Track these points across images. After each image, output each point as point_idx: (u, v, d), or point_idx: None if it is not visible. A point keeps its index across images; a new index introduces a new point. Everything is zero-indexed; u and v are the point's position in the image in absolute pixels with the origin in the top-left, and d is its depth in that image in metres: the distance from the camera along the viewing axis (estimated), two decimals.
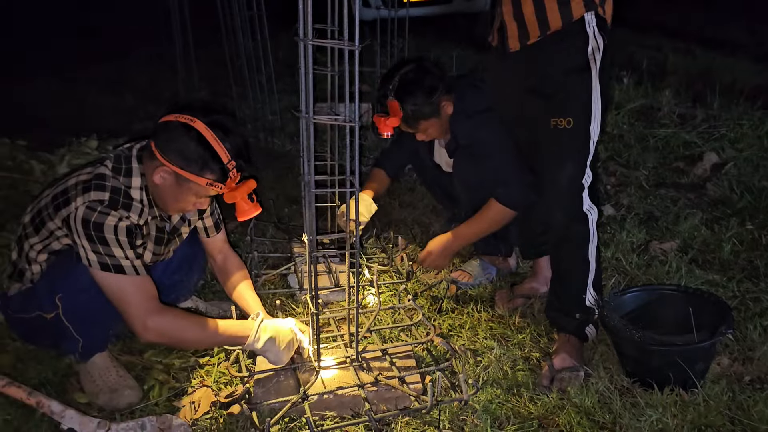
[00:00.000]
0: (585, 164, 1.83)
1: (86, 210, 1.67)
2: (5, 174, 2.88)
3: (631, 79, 4.52)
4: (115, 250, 1.68)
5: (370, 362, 1.93)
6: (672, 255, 2.56)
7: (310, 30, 1.48)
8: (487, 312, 2.29)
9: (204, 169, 1.71)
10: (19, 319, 1.87)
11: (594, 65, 1.77)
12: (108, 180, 1.73)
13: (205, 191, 1.76)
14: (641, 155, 3.62)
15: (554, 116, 1.80)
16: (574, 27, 1.75)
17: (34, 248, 1.81)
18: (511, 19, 1.82)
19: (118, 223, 1.69)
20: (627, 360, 1.90)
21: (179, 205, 1.83)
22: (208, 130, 1.70)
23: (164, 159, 1.71)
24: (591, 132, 1.80)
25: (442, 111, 2.30)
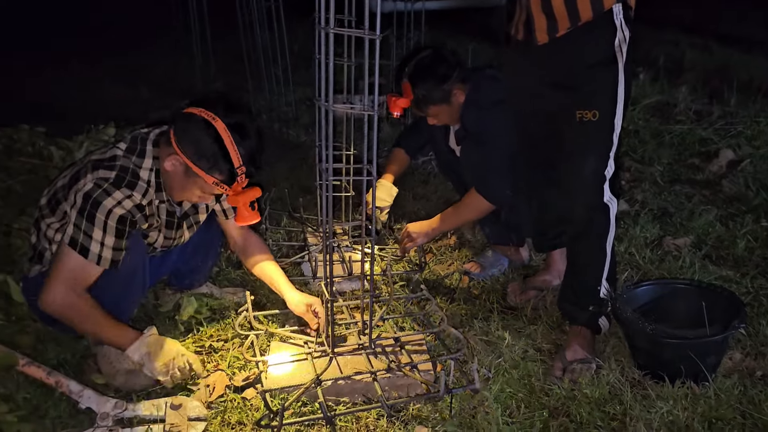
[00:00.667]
0: (608, 156, 1.84)
1: (92, 186, 1.73)
2: (25, 159, 2.92)
3: (647, 74, 4.50)
4: (95, 231, 1.71)
5: (383, 350, 1.95)
6: (685, 251, 2.55)
7: (331, 18, 1.49)
8: (499, 303, 2.30)
9: (213, 168, 1.74)
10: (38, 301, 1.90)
11: (621, 57, 1.77)
12: (118, 159, 1.78)
13: (210, 189, 1.80)
14: (656, 151, 3.61)
15: (580, 109, 1.79)
16: (603, 18, 1.75)
17: (51, 227, 1.84)
18: (539, 11, 1.81)
19: (114, 208, 1.73)
20: (639, 353, 1.90)
21: (184, 195, 1.87)
22: (227, 131, 1.72)
23: (178, 148, 1.74)
24: (615, 124, 1.81)
25: (453, 99, 2.33)
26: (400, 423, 1.72)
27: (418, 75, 2.30)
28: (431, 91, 2.30)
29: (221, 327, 2.15)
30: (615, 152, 1.86)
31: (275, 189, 3.11)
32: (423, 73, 2.30)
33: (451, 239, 2.79)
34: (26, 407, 1.74)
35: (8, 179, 2.75)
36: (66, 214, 1.80)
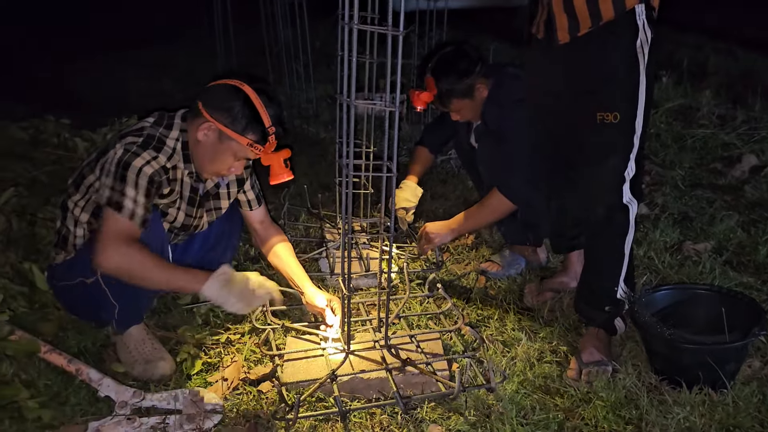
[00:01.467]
0: (629, 157, 1.82)
1: (122, 151, 1.77)
2: (50, 150, 2.97)
3: (670, 78, 4.45)
4: (128, 189, 1.74)
5: (398, 347, 1.95)
6: (706, 256, 2.52)
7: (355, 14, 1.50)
8: (515, 304, 2.30)
9: (247, 129, 1.81)
10: (63, 288, 1.94)
11: (642, 59, 1.75)
12: (145, 129, 1.83)
13: (243, 152, 1.85)
14: (678, 155, 3.57)
15: (600, 111, 1.78)
16: (625, 18, 1.74)
17: (78, 205, 1.87)
18: (560, 11, 1.80)
19: (143, 167, 1.76)
20: (656, 357, 1.89)
21: (215, 166, 1.90)
22: (255, 94, 1.81)
23: (210, 116, 1.80)
24: (636, 126, 1.79)
25: (476, 93, 2.34)
26: (413, 420, 1.72)
27: (441, 69, 2.31)
28: (454, 85, 2.31)
29: (238, 320, 2.17)
30: (636, 154, 1.84)
31: (294, 185, 3.12)
32: (446, 67, 2.31)
33: (468, 239, 2.79)
34: (47, 393, 1.77)
35: (33, 170, 2.79)
36: (90, 188, 1.84)
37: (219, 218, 2.13)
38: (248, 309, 1.83)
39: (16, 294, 2.04)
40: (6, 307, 1.93)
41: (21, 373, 1.79)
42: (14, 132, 3.13)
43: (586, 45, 1.79)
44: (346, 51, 1.58)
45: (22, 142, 3.09)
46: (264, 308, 2.14)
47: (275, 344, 1.99)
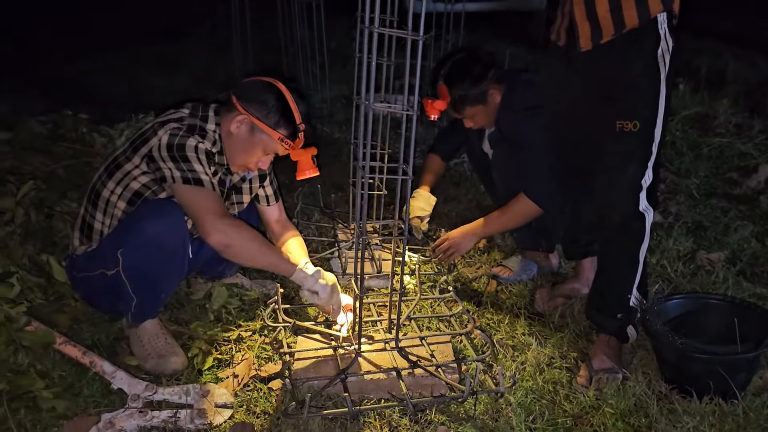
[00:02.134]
0: (646, 166, 1.82)
1: (169, 137, 1.82)
2: (68, 145, 3.01)
3: (687, 85, 4.42)
4: (195, 165, 1.81)
5: (409, 349, 1.96)
6: (719, 266, 2.51)
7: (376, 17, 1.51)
8: (526, 309, 2.30)
9: (279, 123, 1.89)
10: (83, 279, 1.97)
11: (663, 67, 1.75)
12: (185, 119, 1.88)
13: (273, 146, 1.92)
14: (693, 163, 3.55)
15: (620, 119, 1.78)
16: (647, 26, 1.73)
17: (114, 193, 1.90)
18: (583, 18, 1.80)
19: (198, 144, 1.84)
20: (667, 366, 1.88)
21: (245, 159, 1.96)
22: (288, 91, 1.90)
23: (244, 109, 1.87)
24: (655, 135, 1.79)
25: (490, 99, 2.33)
26: (422, 423, 1.73)
27: (454, 76, 2.31)
28: (468, 91, 2.30)
29: (250, 318, 2.19)
30: (654, 162, 1.84)
31: (308, 184, 3.14)
32: (459, 74, 2.31)
33: (480, 243, 2.79)
34: (61, 384, 1.80)
35: (52, 164, 2.83)
36: (128, 175, 1.88)
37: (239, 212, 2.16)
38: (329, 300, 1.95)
39: (33, 286, 2.07)
40: (23, 299, 1.96)
41: (36, 364, 1.82)
42: (34, 126, 3.17)
43: (608, 53, 1.78)
44: (365, 53, 1.58)
45: (41, 136, 3.13)
46: (276, 306, 2.15)
47: (286, 342, 2.00)
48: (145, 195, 1.89)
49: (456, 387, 1.83)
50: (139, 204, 1.89)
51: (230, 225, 1.80)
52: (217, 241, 1.77)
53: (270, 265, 1.93)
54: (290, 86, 1.93)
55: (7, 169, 2.73)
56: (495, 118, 2.37)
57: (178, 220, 1.87)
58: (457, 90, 2.31)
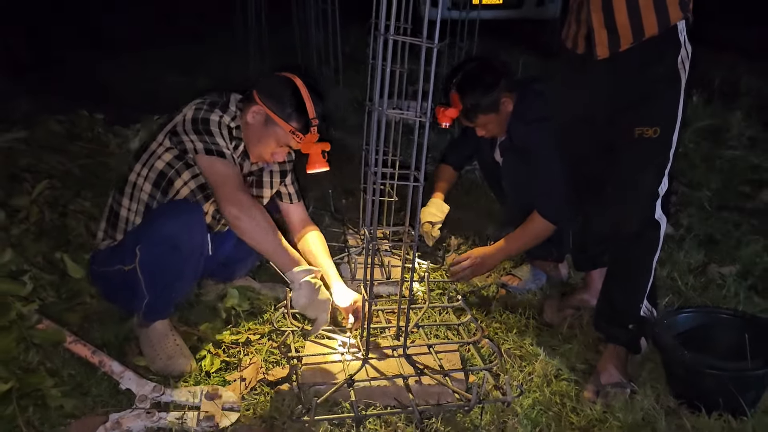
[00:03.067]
0: (663, 173, 1.82)
1: (194, 111, 1.91)
2: (84, 144, 3.03)
3: (701, 97, 4.40)
4: (218, 140, 1.89)
5: (416, 357, 1.96)
6: (730, 279, 2.49)
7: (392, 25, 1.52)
8: (535, 319, 2.29)
9: (292, 116, 1.94)
10: (103, 274, 2.01)
11: (684, 74, 1.75)
12: (208, 98, 1.99)
13: (286, 138, 1.97)
14: (705, 176, 3.53)
15: (640, 125, 1.78)
16: (668, 34, 1.73)
17: (141, 175, 1.97)
18: (601, 26, 1.79)
19: (220, 120, 1.92)
20: (676, 380, 1.87)
21: (260, 149, 2.01)
22: (304, 87, 1.95)
23: (260, 100, 1.95)
24: (673, 141, 1.79)
25: (502, 108, 2.34)
26: (428, 431, 1.73)
27: (466, 85, 2.32)
28: (480, 99, 2.31)
29: (259, 321, 2.20)
30: (670, 169, 1.84)
31: (318, 188, 3.15)
32: (471, 82, 2.32)
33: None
34: (70, 383, 1.81)
35: (67, 162, 2.85)
36: (153, 154, 1.96)
37: None
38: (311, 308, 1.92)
39: (46, 284, 2.09)
40: (36, 297, 1.97)
41: (46, 362, 1.84)
42: (51, 125, 3.20)
43: (626, 60, 1.78)
44: (379, 60, 1.59)
45: (58, 135, 3.16)
46: (285, 310, 2.16)
47: (294, 347, 2.01)
48: (168, 175, 1.94)
49: (463, 396, 1.82)
50: (163, 203, 1.94)
51: (247, 200, 1.85)
52: (230, 212, 1.82)
53: (272, 252, 1.90)
54: (308, 82, 1.98)
55: (23, 167, 2.76)
56: (506, 127, 2.38)
57: (197, 221, 1.90)
58: (469, 98, 2.31)
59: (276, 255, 1.90)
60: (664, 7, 1.73)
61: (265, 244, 1.88)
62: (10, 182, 2.62)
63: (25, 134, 3.12)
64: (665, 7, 1.73)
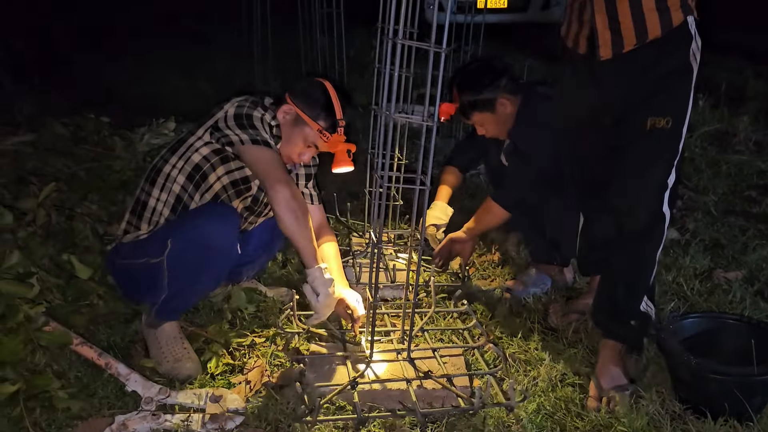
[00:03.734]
0: (672, 164, 1.82)
1: (236, 108, 1.97)
2: (90, 148, 3.05)
3: (707, 101, 4.40)
4: (262, 132, 1.94)
5: (420, 360, 1.96)
6: (736, 285, 2.49)
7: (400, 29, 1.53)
8: (540, 323, 2.29)
9: (320, 116, 2.01)
10: (125, 266, 2.02)
11: (695, 65, 1.77)
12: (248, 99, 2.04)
13: (313, 137, 2.03)
14: (711, 180, 3.53)
15: (652, 116, 1.78)
16: (678, 29, 1.74)
17: (176, 167, 1.99)
18: (605, 28, 1.80)
19: (263, 116, 1.99)
20: (681, 385, 1.87)
21: (288, 148, 2.05)
22: (333, 89, 2.03)
23: (291, 100, 2.03)
24: (683, 133, 1.80)
25: (499, 107, 2.36)
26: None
27: (463, 81, 2.38)
28: (475, 96, 2.35)
29: (264, 325, 2.20)
30: (678, 161, 1.84)
31: (323, 192, 3.15)
32: (467, 79, 2.38)
33: (494, 255, 2.79)
34: (77, 385, 1.82)
35: (74, 165, 2.87)
36: (190, 147, 1.99)
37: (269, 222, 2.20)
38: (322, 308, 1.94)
39: (52, 286, 2.10)
40: (42, 299, 1.98)
41: (53, 364, 1.84)
42: (57, 128, 3.22)
43: (631, 60, 1.79)
44: (387, 64, 1.59)
45: (64, 138, 3.18)
46: (291, 313, 2.17)
47: (299, 349, 2.01)
48: (203, 169, 1.97)
49: (466, 399, 1.82)
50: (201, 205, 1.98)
51: (294, 188, 1.90)
52: (284, 192, 1.84)
53: (302, 242, 1.91)
54: (337, 86, 2.06)
55: (30, 171, 2.78)
56: (509, 131, 2.39)
57: (232, 226, 1.93)
58: (465, 95, 2.36)
59: (307, 247, 1.92)
60: (666, 9, 1.74)
61: (299, 234, 1.89)
62: (17, 185, 2.64)
63: (31, 137, 3.14)
64: (667, 9, 1.74)
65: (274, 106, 2.06)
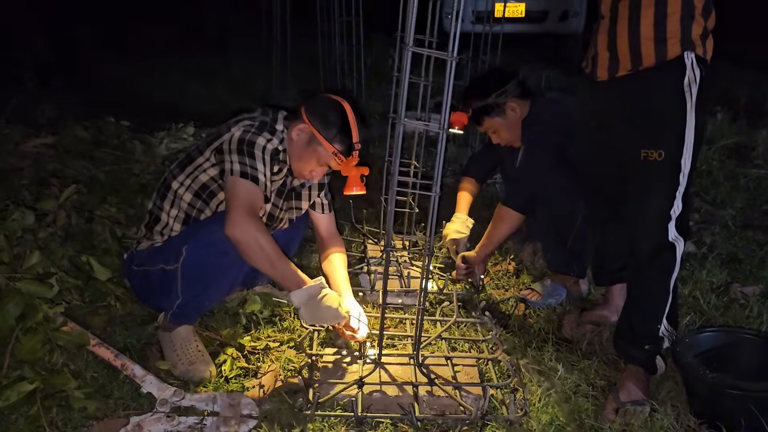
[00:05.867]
0: (674, 196, 1.80)
1: (242, 132, 1.92)
2: (110, 151, 3.09)
3: (726, 114, 4.37)
4: (258, 164, 1.89)
5: (432, 367, 1.96)
6: (753, 300, 2.46)
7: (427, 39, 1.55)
8: (554, 334, 2.28)
9: (336, 138, 1.97)
10: (140, 272, 2.04)
11: (690, 97, 1.73)
12: (257, 118, 1.99)
13: (327, 158, 2.00)
14: (729, 194, 3.49)
15: (645, 148, 1.77)
16: (668, 64, 1.74)
17: (183, 185, 2.00)
18: (604, 48, 1.82)
19: (266, 144, 1.92)
20: (697, 400, 1.85)
21: (300, 166, 2.04)
22: (351, 111, 1.99)
23: (307, 119, 1.98)
24: (682, 164, 1.77)
25: (509, 112, 2.39)
26: None
27: (472, 88, 2.42)
28: (483, 102, 2.39)
29: (278, 329, 2.22)
30: (683, 192, 1.82)
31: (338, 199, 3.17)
32: (476, 86, 2.42)
33: (510, 265, 2.79)
34: (93, 385, 1.84)
35: (94, 168, 2.91)
36: (198, 168, 1.98)
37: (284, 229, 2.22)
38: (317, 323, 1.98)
39: (71, 287, 2.13)
40: (61, 299, 2.01)
41: (70, 364, 1.87)
42: (78, 131, 3.27)
43: (627, 84, 1.80)
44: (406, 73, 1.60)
45: (85, 141, 3.22)
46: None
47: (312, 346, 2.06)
48: (210, 188, 1.98)
49: (468, 409, 1.81)
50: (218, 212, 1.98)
51: (252, 225, 1.79)
52: (233, 235, 1.78)
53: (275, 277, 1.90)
54: (355, 108, 2.02)
55: (51, 172, 2.82)
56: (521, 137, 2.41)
57: None
58: (474, 102, 2.39)
59: (276, 278, 1.89)
60: (664, 41, 1.73)
61: (264, 267, 1.86)
62: (38, 186, 2.68)
63: (53, 140, 3.19)
64: (665, 41, 1.73)
65: (287, 121, 2.02)
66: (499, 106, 2.39)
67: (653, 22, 1.73)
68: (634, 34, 1.76)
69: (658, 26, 1.73)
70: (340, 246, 2.32)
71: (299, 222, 2.31)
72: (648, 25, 1.74)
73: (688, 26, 1.72)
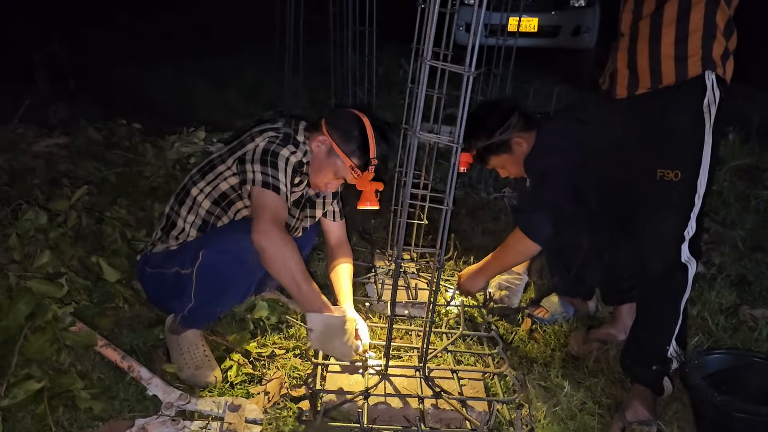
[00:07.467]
0: (689, 216, 1.79)
1: (266, 143, 1.94)
2: (121, 153, 3.10)
3: (737, 135, 4.36)
4: (280, 175, 1.90)
5: (438, 380, 1.95)
6: (763, 322, 2.44)
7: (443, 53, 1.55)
8: (561, 351, 2.27)
9: (354, 153, 2.00)
10: (154, 275, 2.04)
11: (708, 118, 1.73)
12: (281, 129, 2.01)
13: (344, 172, 2.03)
14: (740, 215, 3.48)
15: (661, 167, 1.77)
16: (692, 81, 1.73)
17: (203, 192, 2.01)
18: (624, 66, 1.82)
19: (290, 156, 1.94)
20: (704, 422, 1.83)
21: (316, 178, 2.06)
22: (371, 127, 2.01)
23: (327, 131, 2.01)
24: (698, 186, 1.76)
25: (515, 147, 2.32)
26: None
27: (473, 129, 2.29)
28: (488, 141, 2.32)
29: (285, 335, 2.22)
30: (698, 213, 1.81)
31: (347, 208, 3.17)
32: (477, 126, 2.30)
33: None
34: (99, 386, 1.85)
35: (105, 170, 2.92)
36: (219, 176, 2.00)
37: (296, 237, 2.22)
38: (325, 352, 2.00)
39: (80, 287, 2.13)
40: (71, 299, 2.02)
41: (77, 364, 1.88)
42: (91, 133, 3.28)
43: (646, 102, 1.79)
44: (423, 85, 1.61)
45: (97, 142, 3.24)
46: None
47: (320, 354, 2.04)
48: (230, 197, 1.99)
49: (474, 423, 1.81)
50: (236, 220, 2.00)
51: (280, 237, 1.80)
52: (259, 242, 1.79)
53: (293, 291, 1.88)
54: (376, 124, 2.03)
55: (62, 173, 2.83)
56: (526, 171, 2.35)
57: None
58: (479, 141, 2.32)
59: (296, 295, 1.88)
60: (684, 60, 1.73)
61: (287, 282, 1.85)
62: (50, 186, 2.69)
63: (65, 140, 3.20)
64: (685, 60, 1.72)
65: (307, 132, 2.04)
66: (505, 143, 2.31)
67: (674, 41, 1.73)
68: (654, 53, 1.75)
69: (679, 45, 1.72)
70: (348, 255, 2.32)
71: (311, 230, 2.32)
72: (669, 43, 1.73)
73: (709, 45, 1.71)
